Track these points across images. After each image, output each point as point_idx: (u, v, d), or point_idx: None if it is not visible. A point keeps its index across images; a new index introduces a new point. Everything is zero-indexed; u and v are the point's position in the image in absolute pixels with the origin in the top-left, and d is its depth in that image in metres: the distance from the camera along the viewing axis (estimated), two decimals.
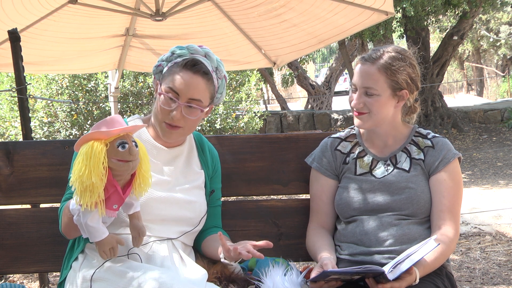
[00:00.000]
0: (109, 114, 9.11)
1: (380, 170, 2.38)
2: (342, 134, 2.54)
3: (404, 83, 2.34)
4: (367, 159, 2.44)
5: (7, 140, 9.20)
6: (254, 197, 2.74)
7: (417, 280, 2.10)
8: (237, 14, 5.77)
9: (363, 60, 2.38)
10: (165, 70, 2.22)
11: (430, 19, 15.29)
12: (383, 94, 2.33)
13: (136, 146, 1.89)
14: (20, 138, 8.82)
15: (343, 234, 2.39)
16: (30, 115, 4.12)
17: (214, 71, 2.24)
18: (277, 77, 23.77)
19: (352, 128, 2.55)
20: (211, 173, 2.41)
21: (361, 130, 2.51)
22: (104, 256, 1.93)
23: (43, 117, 9.42)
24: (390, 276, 2.02)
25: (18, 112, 4.35)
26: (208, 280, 2.05)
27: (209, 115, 9.55)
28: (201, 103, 2.18)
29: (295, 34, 5.90)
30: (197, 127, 2.36)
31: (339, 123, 15.71)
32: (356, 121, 2.39)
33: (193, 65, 2.18)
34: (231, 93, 10.55)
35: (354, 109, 2.38)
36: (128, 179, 1.92)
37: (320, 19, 5.56)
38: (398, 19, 14.27)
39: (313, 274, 2.15)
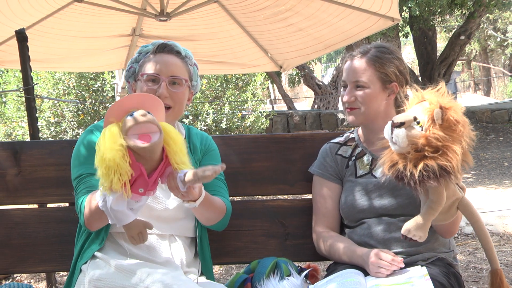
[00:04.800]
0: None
1: (380, 170, 2.37)
2: (341, 139, 2.56)
3: (393, 75, 2.38)
4: (367, 159, 2.44)
5: (14, 140, 9.24)
6: (261, 197, 2.74)
7: None
8: (243, 16, 5.77)
9: (351, 56, 2.44)
10: (137, 69, 2.27)
11: (436, 19, 15.25)
12: (373, 86, 2.36)
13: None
14: (27, 138, 8.85)
15: (350, 237, 2.39)
16: (37, 115, 4.13)
17: (185, 57, 2.29)
18: (284, 77, 23.76)
19: (351, 132, 2.56)
20: (201, 156, 2.37)
21: (360, 133, 2.52)
22: (133, 241, 1.90)
23: (50, 117, 9.44)
24: None
25: (25, 112, 4.37)
26: None
27: (215, 115, 9.56)
28: (182, 79, 2.23)
29: (301, 38, 5.90)
30: (202, 128, 2.37)
31: (345, 123, 15.67)
32: (349, 117, 2.42)
33: (164, 47, 2.26)
34: (237, 92, 10.55)
35: (346, 105, 2.41)
36: (155, 165, 1.81)
37: (326, 24, 5.56)
38: (404, 18, 14.24)
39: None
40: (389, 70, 2.37)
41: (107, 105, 9.64)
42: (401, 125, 1.96)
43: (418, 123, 1.96)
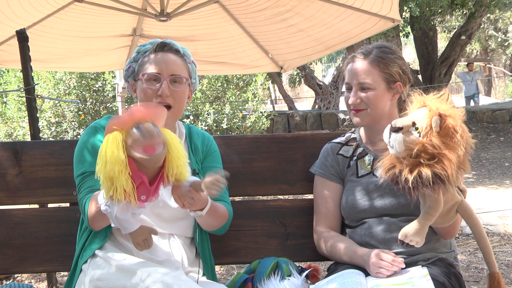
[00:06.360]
0: (117, 114, 9.11)
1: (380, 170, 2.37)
2: (342, 139, 2.55)
3: (397, 75, 2.38)
4: (368, 159, 2.44)
5: (15, 140, 9.24)
6: (261, 197, 2.74)
7: None
8: (244, 17, 5.77)
9: (353, 58, 2.43)
10: (137, 68, 2.28)
11: (436, 19, 15.24)
12: (378, 87, 2.36)
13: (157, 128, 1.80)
14: (28, 138, 8.85)
15: (351, 237, 2.39)
16: (38, 115, 4.13)
17: (183, 55, 2.30)
18: (284, 77, 23.75)
19: (352, 132, 2.56)
20: (202, 156, 2.38)
21: (361, 133, 2.51)
22: (139, 247, 1.94)
23: (50, 117, 9.44)
24: None
25: (26, 112, 4.37)
26: None
27: (216, 115, 9.55)
28: (183, 78, 2.24)
29: (301, 39, 5.91)
30: (203, 128, 2.38)
31: (346, 123, 15.67)
32: (355, 119, 2.42)
33: (163, 46, 2.26)
34: (237, 93, 10.54)
35: (352, 107, 2.40)
36: (157, 171, 1.83)
37: (327, 25, 5.57)
38: (405, 18, 14.22)
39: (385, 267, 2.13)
40: (393, 70, 2.37)
41: (107, 105, 9.65)
42: (399, 130, 1.96)
43: (417, 129, 1.96)
